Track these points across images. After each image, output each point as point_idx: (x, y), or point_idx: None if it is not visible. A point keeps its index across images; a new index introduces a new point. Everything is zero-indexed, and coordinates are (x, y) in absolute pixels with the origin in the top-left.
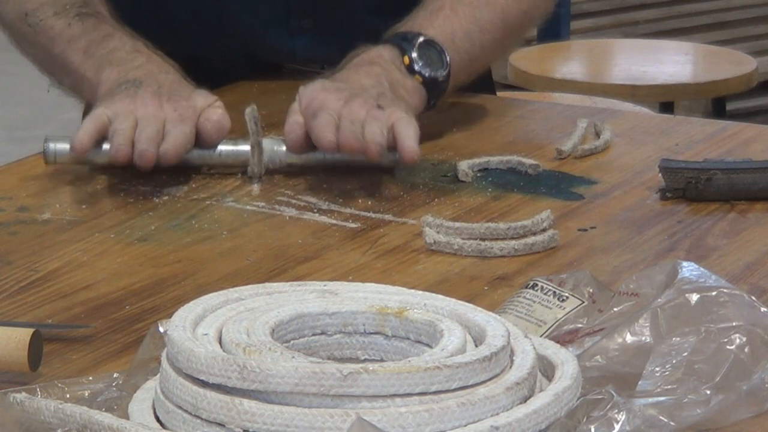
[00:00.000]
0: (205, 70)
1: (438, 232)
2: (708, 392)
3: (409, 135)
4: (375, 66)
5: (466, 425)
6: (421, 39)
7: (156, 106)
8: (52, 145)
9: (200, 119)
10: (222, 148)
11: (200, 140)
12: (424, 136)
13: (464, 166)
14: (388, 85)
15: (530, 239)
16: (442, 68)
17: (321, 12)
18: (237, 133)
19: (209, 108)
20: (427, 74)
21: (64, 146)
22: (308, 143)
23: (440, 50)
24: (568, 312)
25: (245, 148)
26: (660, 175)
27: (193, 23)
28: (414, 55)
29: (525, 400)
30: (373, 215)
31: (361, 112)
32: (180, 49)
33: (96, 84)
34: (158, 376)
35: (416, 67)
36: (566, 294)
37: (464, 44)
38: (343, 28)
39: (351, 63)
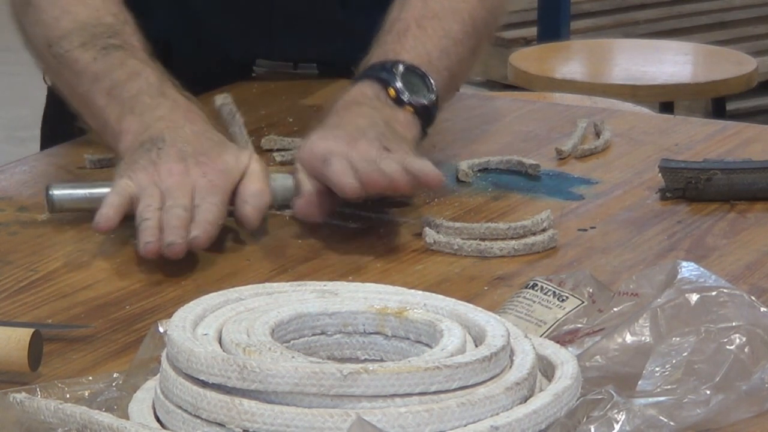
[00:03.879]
0: (175, 62)
1: (438, 232)
2: (708, 392)
3: (426, 165)
4: (363, 107)
5: (466, 425)
6: (401, 67)
7: (181, 173)
8: (57, 193)
9: (237, 200)
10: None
11: (235, 214)
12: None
13: (464, 166)
14: (383, 124)
15: (530, 239)
16: (429, 93)
17: (294, 9)
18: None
19: (247, 182)
20: (416, 103)
21: (67, 192)
22: (325, 205)
23: (422, 74)
24: (568, 312)
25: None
26: (660, 175)
27: (169, 12)
28: (399, 85)
29: (525, 400)
30: (373, 215)
31: (371, 152)
32: (154, 34)
33: (118, 133)
34: (158, 376)
35: (404, 98)
36: (566, 294)
37: (442, 62)
38: (316, 26)
39: (336, 107)
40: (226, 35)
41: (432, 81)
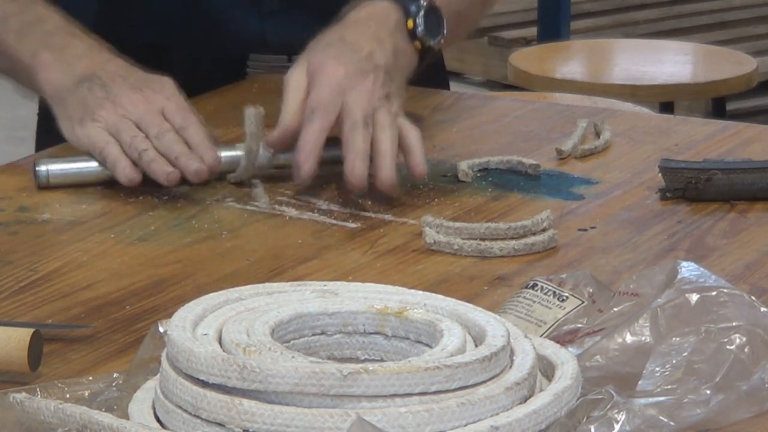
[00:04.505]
0: (169, 63)
1: (438, 232)
2: (708, 392)
3: (417, 149)
4: (381, 27)
5: (466, 425)
6: (426, 3)
7: (145, 101)
8: (44, 168)
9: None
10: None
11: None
12: (424, 137)
13: (464, 166)
14: (392, 54)
15: (530, 239)
16: (440, 36)
17: None
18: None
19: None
20: (426, 42)
21: (57, 168)
22: (293, 142)
23: (440, 17)
24: (568, 312)
25: (237, 153)
26: (660, 175)
27: (159, 9)
28: (419, 20)
29: (525, 400)
30: (373, 215)
31: (367, 106)
32: (146, 37)
33: (33, 69)
34: (158, 376)
35: (418, 33)
36: (566, 294)
37: (457, 7)
38: (313, 8)
39: (354, 16)
40: (222, 21)
41: (446, 28)
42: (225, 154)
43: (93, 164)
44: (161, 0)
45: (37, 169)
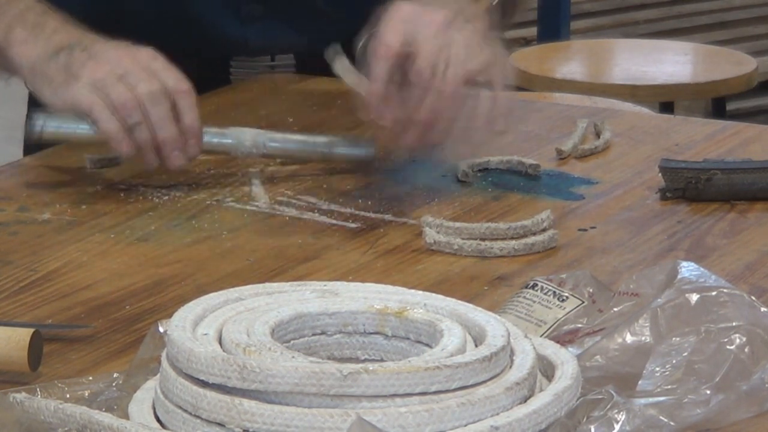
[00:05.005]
0: None
1: (438, 232)
2: (708, 392)
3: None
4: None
5: (466, 425)
6: None
7: (129, 55)
8: (40, 122)
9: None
10: (209, 132)
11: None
12: None
13: (464, 166)
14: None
15: (530, 239)
16: None
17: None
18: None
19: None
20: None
21: (52, 123)
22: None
23: None
24: (568, 312)
25: (225, 138)
26: (660, 175)
27: (143, 8)
28: None
29: (525, 400)
30: (373, 215)
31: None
32: (128, 38)
33: (5, 46)
34: (158, 376)
35: None
36: (566, 294)
37: None
38: (294, 15)
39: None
40: (204, 26)
41: None
42: (211, 138)
43: (86, 126)
44: (143, 4)
45: (31, 122)
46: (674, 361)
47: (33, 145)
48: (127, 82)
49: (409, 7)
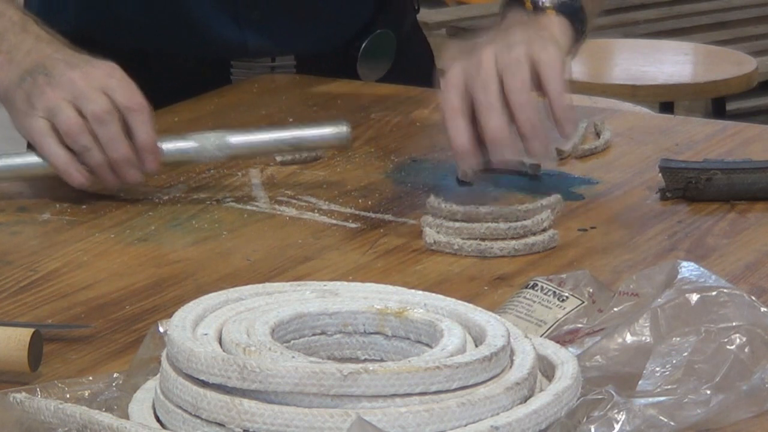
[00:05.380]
0: (151, 68)
1: (438, 232)
2: (708, 392)
3: (557, 80)
4: (501, 30)
5: (466, 425)
6: None
7: (84, 77)
8: None
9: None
10: (165, 146)
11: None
12: (424, 137)
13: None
14: (523, 32)
15: (530, 239)
16: None
17: (269, 3)
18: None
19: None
20: (556, 3)
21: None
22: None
23: None
24: (568, 312)
25: (187, 145)
26: (660, 175)
27: (141, 15)
28: None
29: (525, 400)
30: (373, 215)
31: (517, 54)
32: (127, 43)
33: None
34: (158, 376)
35: (540, 3)
36: (566, 294)
37: None
38: (292, 19)
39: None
40: (203, 31)
41: None
42: (173, 146)
43: (37, 159)
44: (142, 7)
45: None
46: (674, 361)
47: None
48: (77, 106)
49: (458, 51)
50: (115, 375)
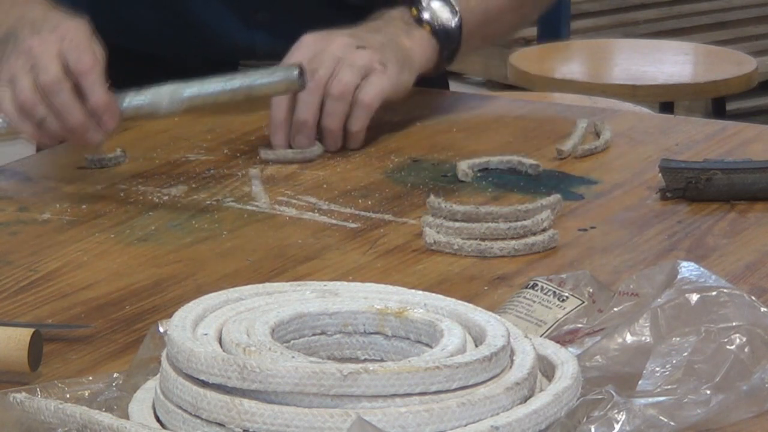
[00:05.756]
0: (160, 70)
1: (438, 232)
2: (708, 392)
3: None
4: (378, 21)
5: (466, 425)
6: None
7: (41, 44)
8: None
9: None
10: (121, 103)
11: None
12: (423, 137)
13: (464, 166)
14: (385, 35)
15: (530, 239)
16: (452, 16)
17: (277, 5)
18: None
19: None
20: (436, 23)
21: None
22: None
23: (450, 2)
24: (568, 312)
25: (142, 99)
26: (660, 175)
27: (150, 17)
28: (423, 5)
29: (525, 400)
30: (373, 215)
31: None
32: (136, 45)
33: None
34: (158, 376)
35: (424, 17)
36: (566, 294)
37: (479, 3)
38: (301, 21)
39: (364, 24)
40: (211, 32)
41: (457, 7)
42: (128, 102)
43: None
44: (150, 9)
45: None
46: (674, 361)
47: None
48: (33, 74)
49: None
50: (115, 375)
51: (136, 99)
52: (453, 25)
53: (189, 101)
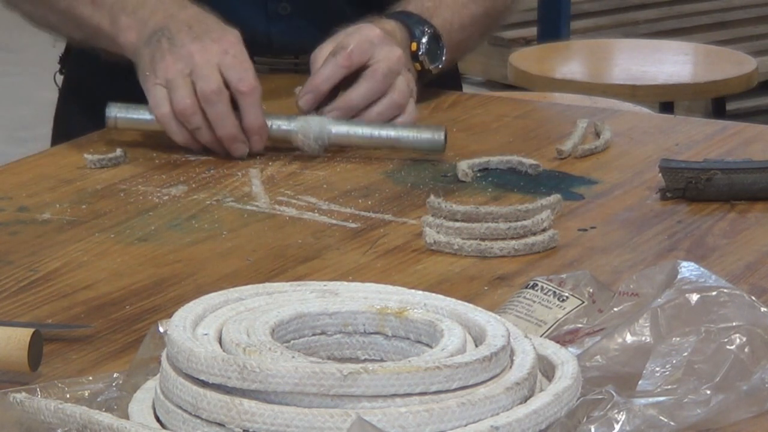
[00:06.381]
0: None
1: (438, 232)
2: (708, 392)
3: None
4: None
5: (466, 425)
6: (430, 30)
7: (201, 52)
8: (114, 111)
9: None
10: (275, 122)
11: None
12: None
13: (464, 166)
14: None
15: (530, 239)
16: (438, 62)
17: None
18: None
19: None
20: (426, 65)
21: (125, 113)
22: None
23: (441, 46)
24: (568, 312)
25: (290, 126)
26: (660, 175)
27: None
28: (423, 45)
29: (525, 400)
30: (373, 215)
31: (394, 66)
32: None
33: (116, 33)
34: (158, 376)
35: (420, 56)
36: (566, 294)
37: (457, 36)
38: (320, 16)
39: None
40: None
41: (444, 55)
42: (279, 125)
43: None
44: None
45: (107, 113)
46: (674, 361)
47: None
48: (191, 82)
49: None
50: (115, 375)
51: (285, 125)
52: (435, 69)
53: (335, 138)
